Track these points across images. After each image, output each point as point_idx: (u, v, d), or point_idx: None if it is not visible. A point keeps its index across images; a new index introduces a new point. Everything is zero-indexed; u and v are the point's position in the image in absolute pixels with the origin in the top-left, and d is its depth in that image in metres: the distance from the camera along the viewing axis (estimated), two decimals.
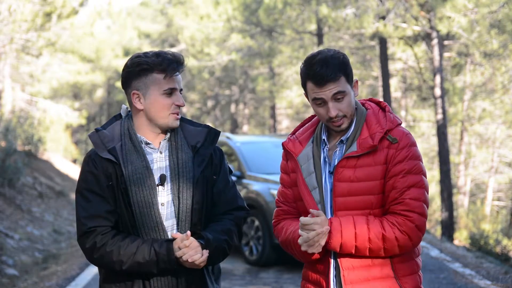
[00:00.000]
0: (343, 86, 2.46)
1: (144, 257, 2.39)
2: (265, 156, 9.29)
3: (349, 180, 2.44)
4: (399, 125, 2.53)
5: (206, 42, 26.07)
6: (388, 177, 2.44)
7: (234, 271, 7.95)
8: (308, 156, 2.56)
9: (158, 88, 2.48)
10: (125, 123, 2.55)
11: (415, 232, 2.41)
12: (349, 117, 2.50)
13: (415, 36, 17.37)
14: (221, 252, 2.52)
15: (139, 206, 2.44)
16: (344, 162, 2.46)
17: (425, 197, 2.44)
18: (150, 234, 2.45)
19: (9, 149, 12.30)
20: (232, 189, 2.63)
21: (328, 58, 2.46)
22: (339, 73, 2.45)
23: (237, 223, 2.60)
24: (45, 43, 15.71)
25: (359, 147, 2.45)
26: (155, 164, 2.52)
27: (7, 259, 8.26)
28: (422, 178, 2.45)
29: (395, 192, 2.42)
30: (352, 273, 2.46)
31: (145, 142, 2.53)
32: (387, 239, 2.39)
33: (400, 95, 25.81)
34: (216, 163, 2.60)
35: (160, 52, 2.51)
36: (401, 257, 2.48)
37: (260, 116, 35.85)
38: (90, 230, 2.44)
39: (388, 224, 2.40)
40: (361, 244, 2.40)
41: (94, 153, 2.51)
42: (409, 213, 2.40)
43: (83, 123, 27.50)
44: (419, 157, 2.48)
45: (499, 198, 26.88)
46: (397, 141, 2.45)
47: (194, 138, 2.58)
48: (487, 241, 13.02)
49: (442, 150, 16.25)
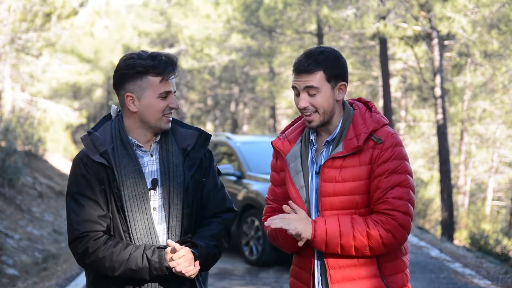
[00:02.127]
0: (317, 82, 2.48)
1: (137, 264, 2.37)
2: (265, 156, 9.21)
3: (335, 180, 2.47)
4: (385, 125, 2.53)
5: (206, 42, 26.07)
6: (373, 177, 2.45)
7: (234, 271, 7.95)
8: (296, 155, 2.59)
9: (153, 91, 2.45)
10: (116, 125, 2.52)
11: (399, 230, 2.42)
12: (322, 115, 2.51)
13: (416, 36, 17.36)
14: (211, 258, 2.51)
15: (131, 210, 2.42)
16: (330, 163, 2.48)
17: (410, 196, 2.45)
18: (142, 238, 2.43)
19: (9, 149, 12.29)
20: (221, 191, 2.62)
21: (316, 52, 2.50)
22: (317, 68, 2.47)
23: (226, 225, 2.58)
24: (45, 43, 15.70)
25: (345, 148, 2.48)
26: (147, 167, 2.50)
27: (7, 259, 8.25)
28: (406, 177, 2.46)
29: (379, 191, 2.44)
30: (338, 272, 2.48)
31: (137, 145, 2.51)
32: (371, 236, 2.40)
33: (400, 95, 25.81)
34: (206, 165, 2.59)
35: (154, 54, 2.47)
36: (387, 256, 2.49)
37: (260, 116, 35.87)
38: (82, 236, 2.41)
39: (372, 222, 2.42)
40: (346, 242, 2.41)
41: (85, 156, 2.47)
42: (392, 211, 2.41)
43: (83, 123, 27.50)
44: (404, 157, 2.48)
45: (499, 198, 26.87)
46: (381, 141, 2.46)
47: (185, 141, 2.56)
48: (487, 241, 13.01)
49: (442, 150, 16.24)
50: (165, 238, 2.47)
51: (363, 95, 24.05)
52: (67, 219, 2.47)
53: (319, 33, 21.42)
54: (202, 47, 26.38)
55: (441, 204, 16.52)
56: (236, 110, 33.89)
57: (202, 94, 33.00)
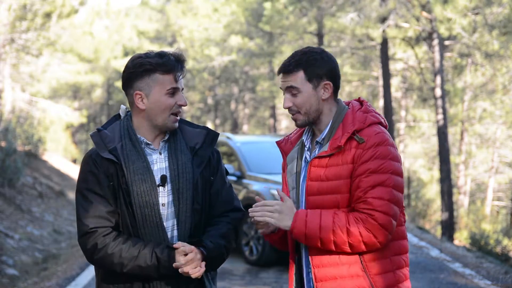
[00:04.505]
0: (297, 83, 2.51)
1: (146, 261, 2.39)
2: (265, 156, 9.28)
3: (320, 179, 2.49)
4: (373, 124, 2.51)
5: (206, 43, 26.08)
6: (354, 176, 2.45)
7: (234, 271, 7.94)
8: (293, 157, 2.64)
9: (161, 88, 2.48)
10: (124, 123, 2.55)
11: (379, 230, 2.40)
12: (304, 114, 2.54)
13: (416, 36, 17.37)
14: (219, 258, 2.54)
15: (140, 206, 2.44)
16: (316, 162, 2.51)
17: (392, 196, 2.42)
18: (151, 234, 2.45)
19: (9, 149, 12.29)
20: (229, 190, 2.64)
21: (300, 52, 2.54)
22: (297, 68, 2.51)
23: (234, 225, 2.61)
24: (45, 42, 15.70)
25: (329, 147, 2.50)
26: (155, 165, 2.52)
27: (7, 259, 8.25)
28: (389, 176, 2.43)
29: (359, 191, 2.43)
30: (321, 270, 2.49)
31: (145, 143, 2.53)
32: (351, 233, 2.39)
33: (401, 95, 25.82)
34: (214, 164, 2.61)
35: (162, 53, 2.51)
36: (372, 255, 2.47)
37: (260, 116, 35.87)
38: (91, 231, 2.44)
39: (353, 219, 2.42)
40: (325, 236, 2.41)
41: (95, 152, 2.51)
42: (371, 211, 2.40)
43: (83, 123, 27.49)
44: (387, 156, 2.45)
45: (499, 198, 26.88)
46: (363, 141, 2.46)
47: (193, 140, 2.59)
48: (487, 241, 13.01)
49: (442, 150, 16.25)
50: (175, 234, 2.49)
51: (363, 95, 24.06)
52: (76, 215, 2.50)
53: (319, 33, 21.43)
54: (202, 48, 26.39)
55: (441, 204, 16.53)
56: (236, 110, 33.90)
57: (202, 94, 33.00)
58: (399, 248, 2.55)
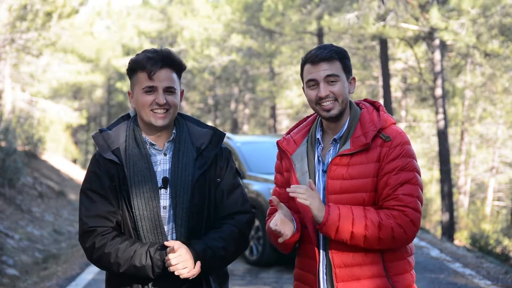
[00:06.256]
0: (337, 70, 2.51)
1: (140, 261, 2.39)
2: (265, 156, 9.26)
3: (342, 177, 2.47)
4: (393, 124, 2.55)
5: (206, 43, 26.07)
6: (381, 174, 2.45)
7: (234, 271, 7.94)
8: (302, 155, 2.59)
9: (139, 87, 2.50)
10: (131, 124, 2.56)
11: (410, 226, 2.42)
12: (341, 104, 2.52)
13: (416, 36, 17.36)
14: (218, 260, 2.48)
15: (139, 208, 2.43)
16: (338, 160, 2.48)
17: (419, 194, 2.46)
18: (149, 236, 2.44)
19: (9, 149, 12.29)
20: (236, 192, 2.58)
21: (328, 44, 2.55)
22: (335, 56, 2.51)
23: (239, 227, 2.53)
24: (45, 42, 15.70)
25: (353, 145, 2.48)
26: (159, 166, 2.51)
27: (7, 259, 8.25)
28: (415, 175, 2.46)
29: (389, 188, 2.43)
30: (343, 270, 2.47)
31: (150, 143, 2.53)
32: (383, 227, 2.39)
33: (400, 95, 25.81)
34: (222, 165, 2.57)
35: (145, 50, 2.52)
36: (393, 256, 2.49)
37: (260, 116, 35.85)
38: (90, 230, 2.45)
39: (384, 215, 2.41)
40: (358, 230, 2.39)
41: (98, 153, 2.52)
42: (403, 207, 2.41)
43: (83, 123, 27.50)
44: (412, 155, 2.49)
45: (499, 198, 26.88)
46: (390, 139, 2.47)
47: (199, 140, 2.56)
48: (487, 241, 13.00)
49: (443, 150, 16.25)
50: (174, 237, 2.47)
51: (363, 95, 24.04)
52: (79, 214, 2.52)
53: (319, 33, 21.43)
54: (202, 48, 26.39)
55: (441, 204, 16.53)
56: (236, 110, 33.89)
57: (202, 94, 32.99)
58: (411, 249, 2.59)
